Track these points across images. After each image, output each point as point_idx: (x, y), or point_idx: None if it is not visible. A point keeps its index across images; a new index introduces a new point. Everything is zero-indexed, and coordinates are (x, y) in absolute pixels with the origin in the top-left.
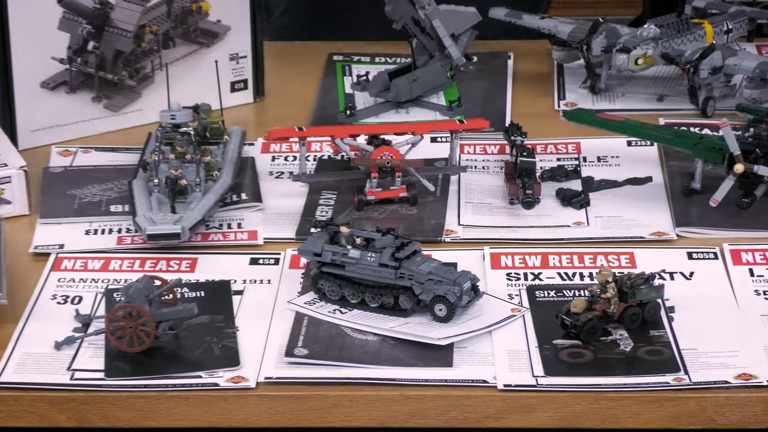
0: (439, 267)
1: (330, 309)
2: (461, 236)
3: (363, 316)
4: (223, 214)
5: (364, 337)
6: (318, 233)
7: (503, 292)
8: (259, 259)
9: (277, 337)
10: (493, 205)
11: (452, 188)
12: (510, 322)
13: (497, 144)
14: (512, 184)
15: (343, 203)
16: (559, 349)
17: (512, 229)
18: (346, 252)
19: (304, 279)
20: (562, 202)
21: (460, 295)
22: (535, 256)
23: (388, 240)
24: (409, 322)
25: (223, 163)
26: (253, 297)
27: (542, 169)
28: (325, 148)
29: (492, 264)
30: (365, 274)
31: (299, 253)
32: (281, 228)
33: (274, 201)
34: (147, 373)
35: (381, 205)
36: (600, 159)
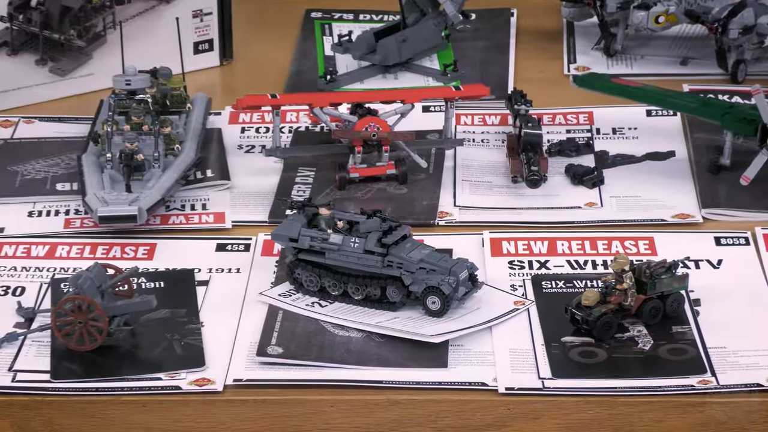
0: (432, 254)
1: (308, 302)
2: (457, 219)
3: (345, 309)
4: (185, 194)
5: (347, 333)
6: (294, 216)
7: (505, 282)
8: (227, 245)
9: (247, 334)
10: (493, 183)
11: (447, 164)
12: (513, 317)
13: (498, 114)
14: (515, 160)
15: (323, 181)
16: (568, 347)
17: (515, 210)
18: (326, 237)
19: (279, 268)
20: (573, 180)
21: (456, 286)
22: (542, 241)
23: (374, 223)
24: (398, 317)
25: (186, 135)
26: (220, 288)
27: (550, 143)
28: (302, 118)
29: (492, 251)
30: (348, 262)
31: (273, 238)
32: (252, 210)
33: (244, 179)
34: (99, 375)
35: (366, 184)
36: (615, 131)
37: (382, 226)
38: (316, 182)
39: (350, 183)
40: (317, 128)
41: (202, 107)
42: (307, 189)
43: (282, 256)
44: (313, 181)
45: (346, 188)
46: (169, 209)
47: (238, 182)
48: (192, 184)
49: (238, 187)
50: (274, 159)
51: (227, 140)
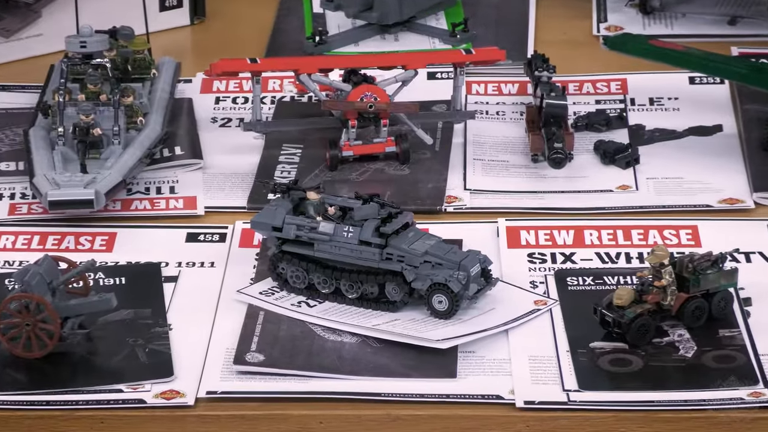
0: (439, 245)
1: (294, 301)
2: (468, 205)
3: (337, 310)
4: (150, 175)
5: (339, 338)
6: (278, 200)
7: (524, 278)
8: (199, 235)
9: (222, 339)
10: (509, 163)
11: (456, 141)
12: (533, 319)
13: (516, 82)
14: (536, 136)
15: (311, 160)
16: (598, 354)
17: (536, 195)
18: (314, 225)
19: (259, 261)
20: (603, 158)
21: (467, 282)
22: (566, 231)
23: (371, 210)
24: (398, 319)
25: (150, 106)
26: (191, 285)
27: (576, 115)
28: (286, 86)
29: (509, 241)
30: (340, 255)
31: (253, 226)
32: (228, 194)
33: (219, 157)
34: (50, 386)
35: (361, 164)
36: (653, 101)
37: (380, 213)
38: (303, 161)
39: (343, 162)
40: (304, 98)
41: (170, 74)
42: (292, 169)
43: (263, 247)
44: (299, 160)
45: (339, 168)
46: (132, 193)
47: (212, 161)
48: (158, 163)
49: (212, 168)
50: (254, 134)
51: (199, 112)
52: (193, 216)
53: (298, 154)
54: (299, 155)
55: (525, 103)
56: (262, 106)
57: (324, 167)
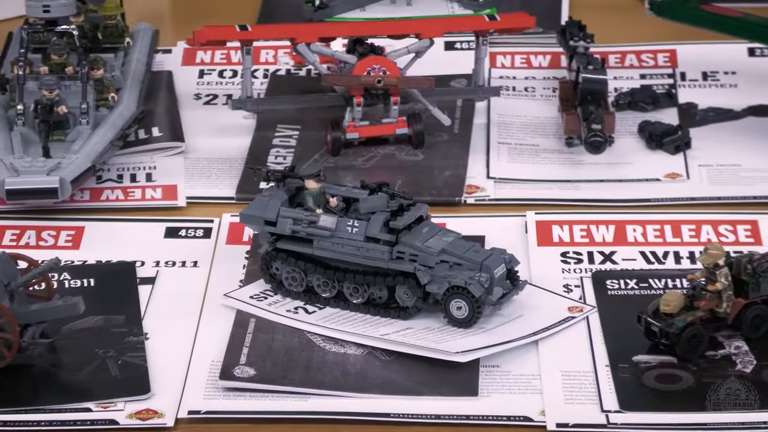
0: (458, 243)
1: (289, 307)
2: (492, 195)
3: (340, 317)
4: (124, 160)
5: (342, 350)
6: (271, 190)
7: (556, 281)
8: (180, 230)
9: (207, 350)
10: (540, 147)
11: (478, 122)
12: (566, 328)
13: (548, 53)
14: (571, 116)
15: (310, 144)
16: (642, 369)
17: (570, 184)
18: (314, 219)
19: (250, 261)
20: (649, 142)
21: (490, 286)
22: (606, 226)
23: (380, 201)
24: (411, 328)
25: (124, 80)
26: (170, 287)
27: (617, 92)
28: (281, 58)
29: (539, 238)
30: (344, 254)
31: (242, 220)
32: (214, 182)
33: (203, 140)
34: (8, 404)
35: (368, 148)
36: (706, 76)
37: (390, 205)
38: (301, 145)
39: (347, 146)
40: (302, 72)
41: (146, 43)
42: (288, 154)
43: (254, 244)
44: (296, 143)
45: (342, 153)
46: (102, 181)
47: (195, 145)
48: (133, 146)
49: (195, 152)
50: (244, 113)
51: (180, 87)
52: (173, 208)
53: (294, 137)
54: (296, 138)
55: (558, 78)
56: (253, 81)
57: (325, 152)
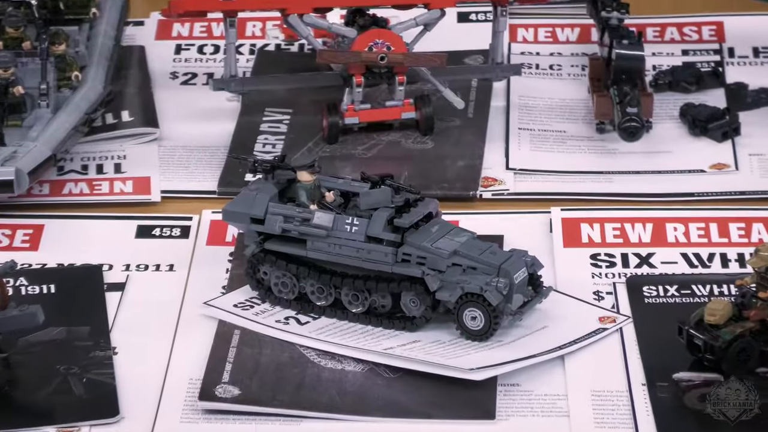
0: (472, 244)
1: (279, 317)
2: (511, 189)
3: (338, 329)
4: (89, 148)
5: (340, 365)
6: (259, 183)
7: (585, 287)
8: (154, 229)
9: (185, 367)
10: (567, 134)
11: (496, 104)
12: (597, 341)
13: (576, 25)
14: (602, 97)
15: (303, 130)
16: (684, 388)
17: (602, 177)
18: (308, 216)
19: (234, 264)
20: (692, 128)
21: (509, 292)
22: (643, 224)
23: (383, 196)
24: (418, 341)
25: (89, 57)
26: (142, 294)
27: (656, 70)
28: (270, 31)
29: (566, 238)
30: (342, 256)
31: (225, 217)
32: (192, 173)
33: (180, 126)
34: None
35: (370, 134)
36: (758, 52)
37: (395, 200)
38: (293, 132)
39: (346, 133)
40: (294, 47)
41: (115, 14)
42: (278, 142)
43: (239, 245)
44: (287, 129)
45: (340, 141)
46: (64, 172)
47: (171, 131)
48: (99, 132)
49: (170, 139)
50: (228, 95)
51: (154, 65)
52: (145, 203)
53: (285, 122)
54: (287, 123)
55: (588, 55)
56: (238, 58)
57: (320, 139)
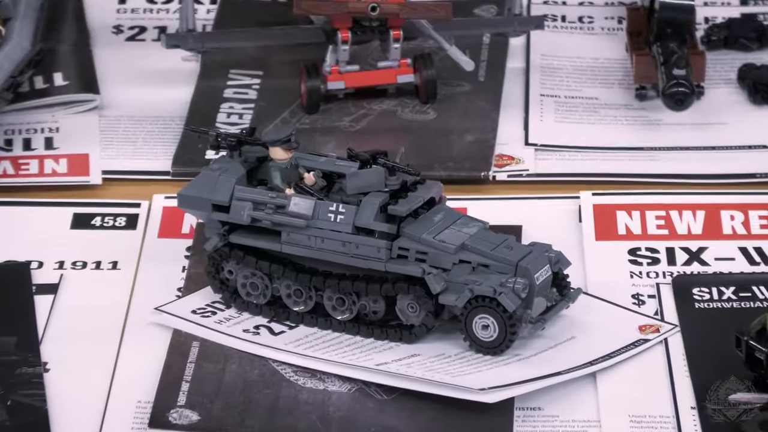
0: (484, 236)
1: (248, 325)
2: (532, 169)
3: (319, 340)
4: (14, 119)
5: (322, 385)
6: (222, 162)
7: (623, 289)
8: (94, 218)
9: (132, 386)
10: (600, 101)
11: (513, 66)
12: (637, 355)
13: None
14: (643, 56)
15: (277, 97)
16: (741, 412)
17: (643, 154)
18: (282, 203)
19: (192, 261)
20: (753, 94)
21: (529, 296)
22: (692, 212)
23: (374, 177)
24: (417, 354)
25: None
26: (79, 298)
27: (710, 24)
28: None
29: (599, 229)
30: (325, 251)
31: (181, 204)
32: (141, 150)
33: (126, 91)
34: None
35: (359, 102)
36: None
37: (389, 183)
38: (264, 99)
39: (329, 100)
40: None
41: None
42: (246, 111)
43: (198, 238)
44: (257, 96)
45: (322, 110)
46: None
47: (115, 98)
48: (26, 100)
49: (114, 107)
50: (184, 54)
51: (93, 18)
52: (83, 186)
53: (254, 86)
54: (256, 88)
55: (626, 4)
56: (196, 8)
57: (297, 108)
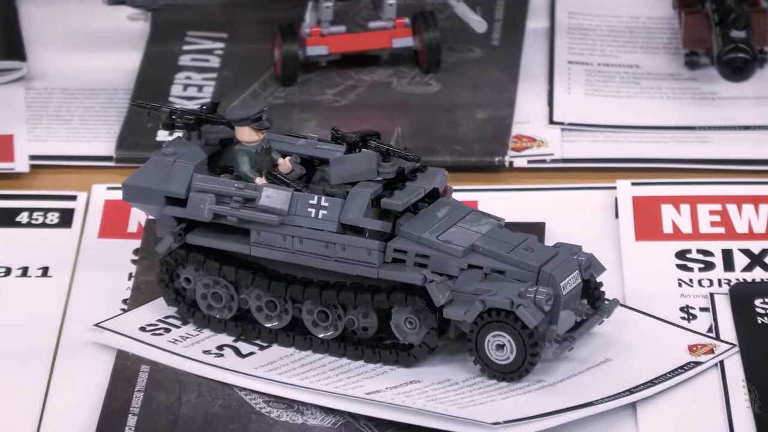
0: (498, 235)
1: (209, 346)
2: (557, 154)
3: (297, 363)
4: None
5: (300, 418)
6: (178, 145)
7: (669, 300)
8: (19, 213)
9: (66, 419)
10: (641, 70)
11: (534, 26)
12: (685, 382)
13: None
14: (694, 15)
15: (245, 65)
16: None
17: (693, 134)
18: (252, 195)
19: (140, 266)
20: None
21: (554, 309)
22: (754, 205)
23: (364, 164)
24: (417, 381)
25: None
26: (2, 312)
27: None
28: None
29: (639, 227)
30: (304, 254)
31: (126, 196)
32: (77, 130)
33: (59, 59)
34: None
35: (345, 72)
36: None
37: (382, 170)
38: (229, 67)
39: (309, 69)
40: None
41: None
42: (206, 83)
43: (149, 238)
44: (220, 64)
45: (300, 81)
46: None
47: (45, 67)
48: None
49: (44, 78)
50: (130, 11)
51: None
52: (6, 174)
53: (217, 52)
54: (219, 54)
55: None
56: None
57: (270, 78)
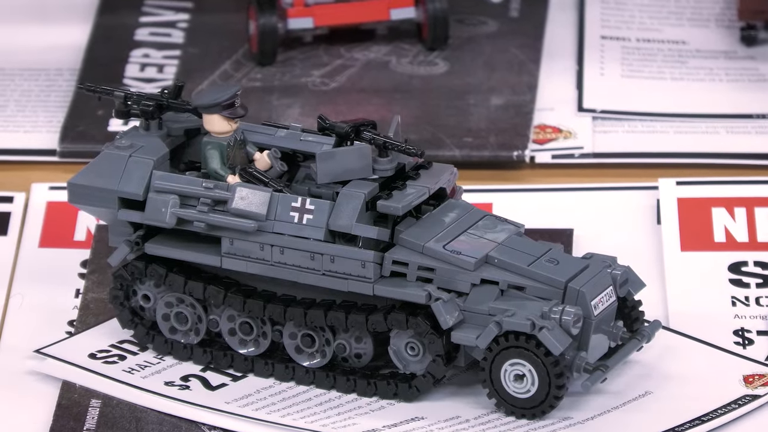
0: (516, 244)
1: (172, 376)
2: (588, 148)
3: (276, 397)
4: None
5: None
6: (134, 136)
7: (720, 322)
8: None
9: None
10: (689, 47)
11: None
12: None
13: None
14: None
15: (214, 40)
16: None
17: (750, 124)
18: (223, 196)
19: (91, 280)
20: None
21: (583, 332)
22: None
23: (357, 160)
24: (422, 417)
25: None
26: None
27: None
28: None
29: (684, 235)
30: (285, 267)
31: (72, 197)
32: (15, 119)
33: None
34: None
35: (335, 48)
36: None
37: (378, 167)
38: (194, 44)
39: (291, 46)
40: None
41: None
42: (168, 62)
43: (99, 247)
44: (184, 39)
45: (281, 60)
46: None
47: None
48: None
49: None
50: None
51: None
52: None
53: (180, 26)
54: (184, 27)
55: None
56: None
57: (245, 56)
